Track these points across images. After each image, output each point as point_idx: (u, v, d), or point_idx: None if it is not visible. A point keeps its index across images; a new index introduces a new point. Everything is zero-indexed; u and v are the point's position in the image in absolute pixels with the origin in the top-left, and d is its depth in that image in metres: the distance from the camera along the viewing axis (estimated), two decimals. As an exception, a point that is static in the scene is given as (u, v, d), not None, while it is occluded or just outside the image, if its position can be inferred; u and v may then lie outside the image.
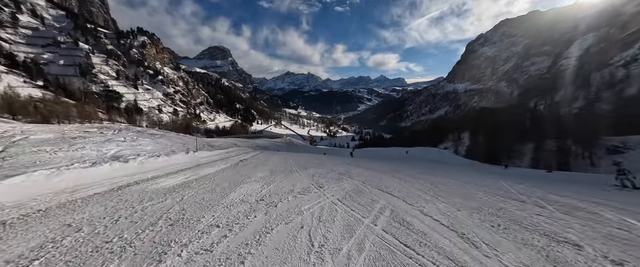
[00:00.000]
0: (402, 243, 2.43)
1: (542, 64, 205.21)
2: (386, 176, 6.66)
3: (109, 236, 2.39)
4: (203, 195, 3.92)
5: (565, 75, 57.48)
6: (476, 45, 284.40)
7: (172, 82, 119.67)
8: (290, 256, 2.16)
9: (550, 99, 45.07)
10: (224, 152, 11.71)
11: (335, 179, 5.56)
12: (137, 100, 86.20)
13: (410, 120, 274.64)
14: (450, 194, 4.66)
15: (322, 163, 9.07)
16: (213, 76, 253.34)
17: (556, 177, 12.28)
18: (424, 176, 7.00)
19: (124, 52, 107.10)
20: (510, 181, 7.20)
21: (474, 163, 24.56)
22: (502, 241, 2.57)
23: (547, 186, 6.30)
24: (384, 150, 40.17)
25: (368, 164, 10.17)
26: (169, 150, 9.31)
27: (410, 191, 4.72)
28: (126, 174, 5.34)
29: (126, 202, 3.43)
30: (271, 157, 11.17)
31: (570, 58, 73.51)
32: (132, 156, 6.82)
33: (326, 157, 12.70)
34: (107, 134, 10.41)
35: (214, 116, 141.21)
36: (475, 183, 6.26)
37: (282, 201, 3.70)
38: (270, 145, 23.20)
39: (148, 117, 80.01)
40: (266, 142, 26.03)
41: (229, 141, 19.80)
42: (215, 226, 2.70)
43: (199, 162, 7.96)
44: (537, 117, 34.26)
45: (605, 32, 63.20)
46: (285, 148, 22.41)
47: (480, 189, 5.34)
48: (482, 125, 36.17)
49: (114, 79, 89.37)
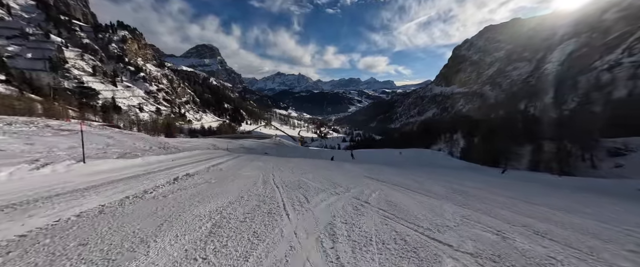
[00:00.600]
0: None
1: (523, 69, 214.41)
2: (442, 202, 4.39)
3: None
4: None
5: (551, 79, 58.85)
6: (462, 49, 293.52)
7: (155, 80, 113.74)
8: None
9: (540, 101, 45.47)
10: (182, 157, 9.39)
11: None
12: (115, 98, 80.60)
13: (400, 122, 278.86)
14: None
15: (331, 178, 6.08)
16: (200, 75, 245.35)
17: (576, 184, 11.10)
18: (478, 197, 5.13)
19: (102, 47, 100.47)
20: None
21: (479, 167, 23.54)
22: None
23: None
24: (378, 152, 38.81)
25: (390, 177, 7.96)
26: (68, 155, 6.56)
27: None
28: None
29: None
30: (246, 167, 7.91)
31: (554, 62, 76.01)
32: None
33: (334, 165, 10.45)
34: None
35: (201, 116, 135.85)
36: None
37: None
38: (257, 146, 20.97)
39: (127, 115, 74.94)
40: (253, 143, 23.78)
41: (207, 142, 17.50)
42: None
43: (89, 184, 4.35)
44: (530, 119, 34.01)
45: (586, 38, 65.64)
46: (274, 150, 20.26)
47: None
48: (477, 127, 35.68)
49: (89, 75, 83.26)
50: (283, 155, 15.85)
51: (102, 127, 16.39)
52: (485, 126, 33.58)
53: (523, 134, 28.14)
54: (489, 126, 33.31)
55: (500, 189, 6.73)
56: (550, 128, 28.00)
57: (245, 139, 29.40)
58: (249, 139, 30.95)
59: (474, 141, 35.95)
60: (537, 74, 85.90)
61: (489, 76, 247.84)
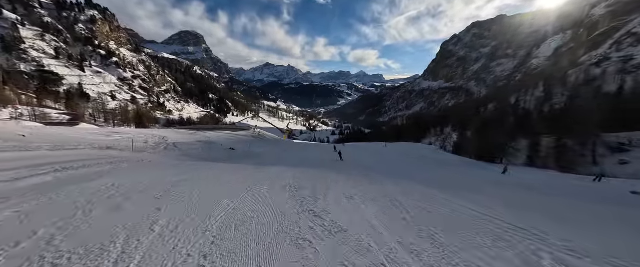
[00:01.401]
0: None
1: (507, 66, 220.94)
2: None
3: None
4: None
5: (539, 74, 58.92)
6: (450, 45, 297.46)
7: (131, 66, 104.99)
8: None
9: (531, 95, 44.97)
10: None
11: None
12: (82, 84, 73.07)
13: (388, 115, 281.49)
14: None
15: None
16: (184, 63, 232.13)
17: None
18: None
19: (68, 27, 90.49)
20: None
21: (476, 163, 21.87)
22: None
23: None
24: (369, 145, 36.74)
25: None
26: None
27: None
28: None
29: None
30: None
31: (540, 58, 76.93)
32: None
33: (314, 178, 8.01)
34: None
35: (183, 106, 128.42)
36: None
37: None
38: (225, 141, 17.74)
39: (97, 104, 68.15)
40: (225, 136, 20.49)
41: (153, 133, 14.39)
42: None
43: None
44: (524, 113, 32.95)
45: (572, 34, 66.29)
46: (244, 147, 17.12)
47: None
48: (470, 121, 34.35)
49: (52, 58, 74.70)
50: (248, 157, 13.02)
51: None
52: (479, 120, 32.30)
53: (518, 129, 26.87)
54: (482, 120, 32.01)
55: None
56: (545, 122, 26.96)
57: (218, 131, 25.97)
58: (224, 131, 27.45)
59: (467, 135, 34.67)
60: (524, 69, 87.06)
61: (474, 72, 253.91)
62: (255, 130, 32.64)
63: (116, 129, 18.80)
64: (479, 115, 39.80)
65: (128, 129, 17.41)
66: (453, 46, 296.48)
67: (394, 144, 38.33)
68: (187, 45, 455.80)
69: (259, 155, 14.54)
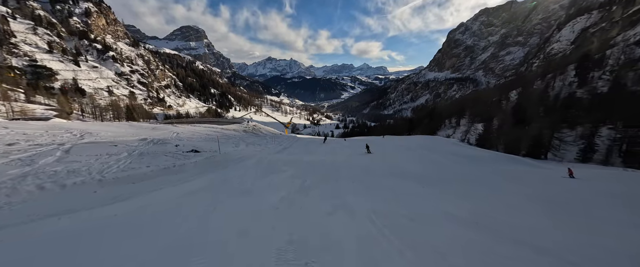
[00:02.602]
0: None
1: (517, 54, 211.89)
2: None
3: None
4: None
5: (564, 58, 53.71)
6: (457, 33, 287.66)
7: (128, 60, 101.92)
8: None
9: (560, 81, 40.28)
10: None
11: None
12: (77, 79, 70.33)
13: (393, 108, 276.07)
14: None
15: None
16: (185, 58, 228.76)
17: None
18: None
19: (61, 21, 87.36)
20: None
21: (521, 159, 17.98)
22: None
23: None
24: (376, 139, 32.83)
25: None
26: None
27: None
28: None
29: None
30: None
31: (562, 42, 71.02)
32: None
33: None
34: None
35: (184, 101, 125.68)
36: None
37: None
38: (188, 142, 13.30)
39: (93, 99, 65.48)
40: (199, 131, 16.35)
41: (98, 128, 10.77)
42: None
43: None
44: (567, 100, 28.55)
45: (602, 13, 60.33)
46: (209, 155, 10.61)
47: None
48: (494, 111, 30.26)
49: (45, 52, 71.89)
50: (207, 171, 8.36)
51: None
52: (507, 109, 28.18)
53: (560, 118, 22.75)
54: (512, 109, 27.89)
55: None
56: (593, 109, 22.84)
57: (199, 125, 22.28)
58: (206, 125, 23.63)
59: (492, 127, 30.56)
60: (541, 55, 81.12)
61: (482, 61, 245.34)
62: (248, 123, 28.85)
63: (74, 123, 15.43)
64: (503, 104, 35.56)
65: (81, 124, 13.61)
66: (460, 35, 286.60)
67: (411, 137, 34.48)
68: (189, 41, 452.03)
69: (239, 161, 10.15)
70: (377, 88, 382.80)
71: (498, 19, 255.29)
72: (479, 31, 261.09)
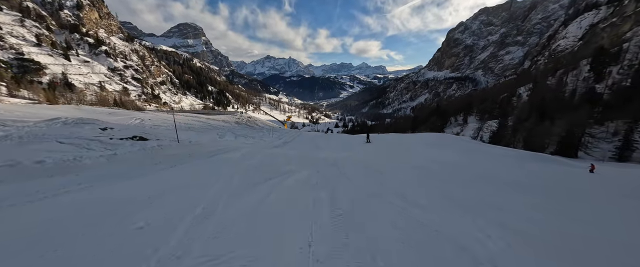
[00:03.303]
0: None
1: (516, 54, 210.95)
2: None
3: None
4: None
5: (570, 55, 51.87)
6: (456, 32, 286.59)
7: (122, 55, 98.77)
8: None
9: (574, 76, 38.29)
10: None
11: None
12: (66, 74, 67.37)
13: (392, 107, 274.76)
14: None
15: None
16: (183, 55, 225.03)
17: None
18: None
19: (52, 13, 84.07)
20: None
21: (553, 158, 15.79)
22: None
23: None
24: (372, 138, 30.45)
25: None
26: None
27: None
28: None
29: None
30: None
31: (569, 38, 69.25)
32: None
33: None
34: None
35: (180, 98, 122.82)
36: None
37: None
38: (159, 126, 10.62)
39: (84, 94, 62.63)
40: (183, 120, 13.88)
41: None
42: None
43: None
44: (590, 95, 26.47)
45: (613, 8, 58.52)
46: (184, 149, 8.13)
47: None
48: (510, 106, 28.21)
49: (33, 46, 68.78)
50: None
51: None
52: (525, 106, 26.15)
53: (589, 114, 20.65)
54: (531, 105, 25.84)
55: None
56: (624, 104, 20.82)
57: (190, 115, 19.75)
58: (196, 115, 21.04)
59: (507, 124, 28.49)
60: (546, 52, 79.40)
61: (482, 61, 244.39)
62: (242, 115, 26.24)
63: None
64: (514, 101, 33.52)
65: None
66: (459, 34, 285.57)
67: (420, 135, 32.28)
68: (187, 38, 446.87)
69: (213, 155, 7.43)
70: (376, 87, 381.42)
71: (498, 18, 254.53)
72: (478, 30, 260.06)
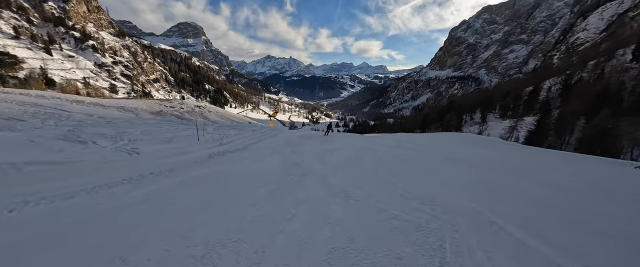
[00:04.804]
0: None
1: (520, 52, 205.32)
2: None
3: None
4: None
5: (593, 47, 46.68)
6: (459, 31, 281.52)
7: (112, 51, 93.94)
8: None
9: (609, 68, 33.09)
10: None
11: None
12: (46, 69, 62.45)
13: (393, 106, 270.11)
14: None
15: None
16: (181, 54, 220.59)
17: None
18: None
19: (35, 5, 79.36)
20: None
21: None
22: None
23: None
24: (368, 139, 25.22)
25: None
26: None
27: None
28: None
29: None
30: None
31: (589, 30, 64.13)
32: None
33: None
34: None
35: (174, 96, 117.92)
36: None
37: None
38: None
39: (64, 91, 57.79)
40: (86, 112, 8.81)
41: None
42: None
43: None
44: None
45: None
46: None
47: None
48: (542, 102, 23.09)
49: (10, 38, 63.97)
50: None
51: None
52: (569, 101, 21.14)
53: None
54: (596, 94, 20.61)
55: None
56: None
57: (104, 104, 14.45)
58: (134, 101, 15.88)
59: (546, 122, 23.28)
60: (562, 47, 74.23)
61: (485, 59, 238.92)
62: (182, 101, 20.74)
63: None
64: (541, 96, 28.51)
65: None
66: (462, 33, 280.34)
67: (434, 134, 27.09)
68: (187, 37, 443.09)
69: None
70: (377, 87, 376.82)
71: (501, 16, 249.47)
72: (481, 29, 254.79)
